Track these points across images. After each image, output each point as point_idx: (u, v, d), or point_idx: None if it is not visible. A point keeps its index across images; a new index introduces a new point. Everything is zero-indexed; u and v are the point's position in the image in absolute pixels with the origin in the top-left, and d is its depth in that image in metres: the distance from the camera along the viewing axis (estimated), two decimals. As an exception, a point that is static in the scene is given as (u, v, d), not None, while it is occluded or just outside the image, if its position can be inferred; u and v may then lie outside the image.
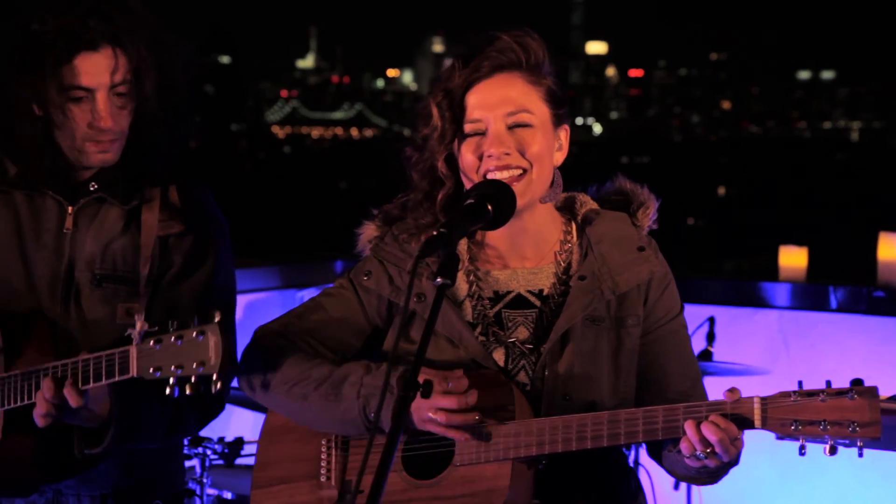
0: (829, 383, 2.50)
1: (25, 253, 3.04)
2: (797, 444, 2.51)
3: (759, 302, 6.00)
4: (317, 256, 6.89)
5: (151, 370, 2.68)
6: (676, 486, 5.24)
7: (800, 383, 2.52)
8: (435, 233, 2.53)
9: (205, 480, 4.37)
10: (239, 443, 4.46)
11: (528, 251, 2.84)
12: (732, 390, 2.56)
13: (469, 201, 2.64)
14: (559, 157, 2.82)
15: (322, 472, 2.85)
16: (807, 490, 5.69)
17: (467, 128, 2.75)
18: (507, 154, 2.72)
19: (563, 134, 2.82)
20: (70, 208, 3.05)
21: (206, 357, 2.63)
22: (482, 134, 2.74)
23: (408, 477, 2.74)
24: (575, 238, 2.86)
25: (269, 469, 2.93)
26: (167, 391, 2.67)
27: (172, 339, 2.66)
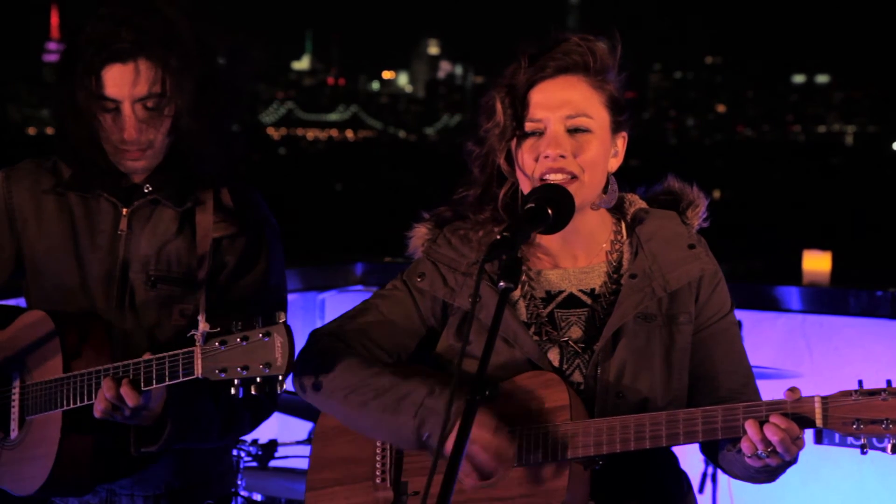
0: (889, 382, 2.53)
1: (80, 254, 3.06)
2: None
3: (782, 306, 6.01)
4: (337, 259, 6.93)
5: (217, 371, 2.68)
6: (701, 491, 5.24)
7: (860, 382, 2.54)
8: (498, 237, 2.54)
9: (239, 482, 4.37)
10: (272, 445, 4.46)
11: (579, 251, 2.85)
12: (793, 389, 2.57)
13: (530, 205, 2.65)
14: (614, 164, 2.83)
15: (377, 473, 2.85)
16: (830, 495, 5.69)
17: (528, 126, 2.76)
18: (563, 157, 2.73)
19: (621, 141, 2.83)
20: (124, 210, 3.06)
21: (273, 358, 2.64)
22: (541, 134, 2.75)
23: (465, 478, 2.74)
24: (625, 237, 2.87)
25: (323, 471, 2.92)
26: (231, 391, 2.68)
27: (237, 340, 2.67)
